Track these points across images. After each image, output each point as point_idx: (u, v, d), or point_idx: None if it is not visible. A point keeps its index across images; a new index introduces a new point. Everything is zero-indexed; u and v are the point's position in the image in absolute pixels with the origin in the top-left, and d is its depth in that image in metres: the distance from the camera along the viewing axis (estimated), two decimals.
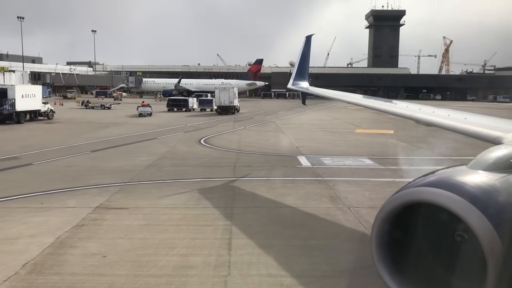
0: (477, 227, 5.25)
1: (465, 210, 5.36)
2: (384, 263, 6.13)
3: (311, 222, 14.30)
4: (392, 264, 6.14)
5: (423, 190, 5.87)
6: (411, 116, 13.96)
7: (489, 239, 5.21)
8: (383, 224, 6.07)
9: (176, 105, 75.97)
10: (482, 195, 5.65)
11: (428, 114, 13.60)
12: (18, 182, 19.73)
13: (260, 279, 9.95)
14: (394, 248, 6.20)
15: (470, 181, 5.91)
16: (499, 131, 9.50)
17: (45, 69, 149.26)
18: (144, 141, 34.33)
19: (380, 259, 6.13)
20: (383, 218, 6.08)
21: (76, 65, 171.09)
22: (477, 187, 5.78)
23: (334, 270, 10.46)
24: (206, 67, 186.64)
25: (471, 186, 5.78)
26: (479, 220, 5.29)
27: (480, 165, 6.44)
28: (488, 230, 5.24)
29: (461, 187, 5.73)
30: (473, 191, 5.66)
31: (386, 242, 6.12)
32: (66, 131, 42.42)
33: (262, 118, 62.62)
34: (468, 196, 5.51)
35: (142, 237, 12.64)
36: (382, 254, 6.13)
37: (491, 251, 5.20)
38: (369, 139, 38.17)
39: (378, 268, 6.10)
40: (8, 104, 47.56)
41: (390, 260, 6.13)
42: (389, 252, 6.16)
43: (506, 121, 11.05)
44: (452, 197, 5.51)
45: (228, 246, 11.94)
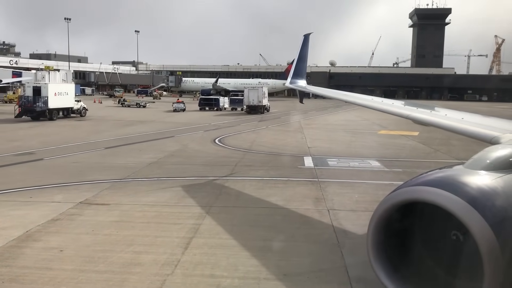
0: (473, 226, 5.22)
1: (462, 209, 5.33)
2: (380, 262, 6.09)
3: (283, 223, 14.06)
4: (389, 263, 6.11)
5: (418, 189, 5.85)
6: (409, 116, 13.69)
7: (486, 238, 5.17)
8: (379, 223, 6.05)
9: (208, 104, 76.68)
10: (479, 195, 5.60)
11: (425, 114, 13.45)
12: (19, 176, 20.51)
13: (200, 279, 9.88)
14: (390, 247, 6.17)
15: (467, 181, 5.87)
16: (496, 131, 9.43)
17: (89, 68, 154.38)
18: (160, 139, 34.87)
19: (376, 258, 6.10)
20: (379, 217, 6.06)
21: (120, 64, 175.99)
22: (474, 186, 5.73)
23: (279, 273, 10.23)
24: (245, 67, 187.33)
25: (467, 185, 5.74)
26: (476, 219, 5.25)
27: (477, 164, 6.43)
28: (485, 230, 5.19)
29: (457, 186, 5.69)
30: (469, 191, 5.62)
31: (382, 241, 6.09)
32: (92, 128, 43.70)
33: (290, 118, 62.29)
34: (465, 195, 5.48)
35: (107, 233, 12.83)
36: (378, 253, 6.10)
37: (487, 250, 5.15)
38: (389, 140, 37.21)
39: (374, 267, 6.08)
40: (41, 102, 49.50)
41: (386, 259, 6.10)
42: (385, 251, 6.13)
43: (503, 121, 10.98)
44: (448, 196, 5.48)
45: (186, 245, 11.92)
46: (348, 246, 12.03)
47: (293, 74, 21.13)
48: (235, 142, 33.50)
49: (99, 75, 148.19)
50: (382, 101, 19.45)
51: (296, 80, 21.20)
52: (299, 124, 51.46)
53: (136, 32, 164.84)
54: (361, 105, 18.59)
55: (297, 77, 21.25)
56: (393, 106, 16.76)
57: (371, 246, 6.12)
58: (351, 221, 14.38)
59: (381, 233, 6.07)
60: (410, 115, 14.14)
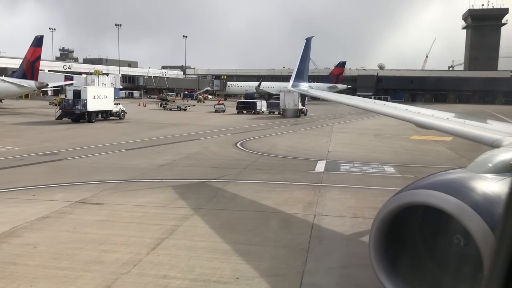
0: (474, 229, 5.26)
1: (463, 213, 5.37)
2: (381, 265, 6.14)
3: (262, 227, 13.96)
4: (390, 266, 6.16)
5: (420, 192, 5.89)
6: (410, 119, 13.57)
7: (486, 241, 5.15)
8: (380, 226, 6.12)
9: (245, 108, 77.18)
10: (481, 198, 5.63)
11: (427, 117, 13.31)
12: (33, 175, 21.50)
13: (151, 279, 9.99)
14: (392, 250, 6.23)
15: (468, 184, 5.91)
16: (498, 134, 9.35)
17: (139, 72, 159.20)
18: (185, 141, 35.49)
19: (377, 261, 6.15)
20: (381, 220, 6.12)
21: (169, 69, 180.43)
22: (475, 189, 5.76)
23: (232, 276, 10.20)
24: (291, 71, 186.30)
25: (469, 188, 5.78)
26: (477, 222, 5.28)
27: (479, 168, 6.43)
28: (485, 233, 5.19)
29: (458, 189, 5.73)
30: (471, 194, 5.66)
31: (384, 244, 6.16)
32: (125, 130, 45.04)
33: (324, 122, 61.58)
34: (466, 198, 5.51)
35: (86, 231, 13.22)
36: (379, 256, 6.16)
37: (488, 254, 5.09)
38: (417, 146, 36.03)
39: (375, 269, 6.13)
40: (81, 105, 51.56)
41: (387, 262, 6.16)
42: (386, 254, 6.19)
43: (505, 124, 10.95)
44: (449, 199, 5.51)
45: (156, 245, 12.09)
46: (316, 252, 11.80)
47: (295, 77, 21.00)
48: (255, 145, 33.56)
49: (148, 79, 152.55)
50: (384, 104, 19.29)
51: (298, 83, 21.08)
52: (331, 128, 50.81)
53: (184, 37, 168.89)
54: (363, 108, 18.37)
55: (299, 80, 21.12)
56: (396, 109, 16.64)
57: (373, 249, 6.17)
58: (333, 227, 14.10)
59: (382, 236, 6.12)
60: (412, 118, 14.00)
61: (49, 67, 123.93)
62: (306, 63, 21.48)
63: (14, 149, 30.10)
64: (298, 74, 21.16)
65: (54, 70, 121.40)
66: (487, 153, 7.18)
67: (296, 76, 21.16)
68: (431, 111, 14.62)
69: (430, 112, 14.30)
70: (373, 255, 6.18)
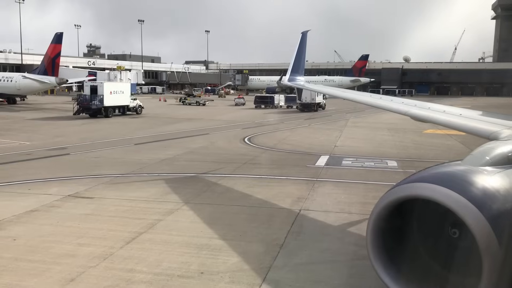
0: (471, 222, 5.31)
1: (460, 205, 5.41)
2: (379, 258, 6.20)
3: (243, 222, 13.88)
4: (387, 259, 6.20)
5: (416, 185, 5.94)
6: (407, 112, 13.54)
7: (484, 234, 5.23)
8: (377, 219, 6.18)
9: (263, 102, 77.05)
10: (477, 190, 5.66)
11: (424, 110, 13.23)
12: (35, 169, 21.96)
13: (116, 273, 10.06)
14: (389, 243, 6.26)
15: (465, 176, 5.94)
16: (495, 127, 9.39)
17: (162, 68, 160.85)
18: (194, 136, 35.65)
19: (375, 254, 6.21)
20: (378, 213, 6.17)
21: (192, 64, 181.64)
22: (471, 182, 5.79)
23: (197, 270, 10.18)
24: (314, 64, 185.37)
25: (465, 181, 5.81)
26: (474, 215, 5.32)
27: (476, 160, 6.46)
28: (483, 225, 5.26)
29: (455, 182, 5.76)
30: (467, 186, 5.69)
31: (381, 237, 6.20)
32: (139, 125, 45.52)
33: (341, 116, 60.89)
34: (463, 191, 5.56)
35: (69, 225, 13.42)
36: (376, 249, 6.21)
37: (486, 246, 5.21)
38: (428, 140, 35.28)
39: (372, 262, 6.19)
40: (97, 100, 52.38)
41: (385, 254, 6.21)
42: (384, 247, 6.23)
43: (502, 116, 10.83)
44: (445, 192, 5.56)
45: (131, 239, 12.18)
46: (290, 248, 11.68)
47: (291, 72, 20.79)
48: (263, 140, 33.46)
49: (170, 75, 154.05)
50: (380, 97, 19.11)
51: (295, 78, 20.87)
52: (345, 123, 50.23)
53: (207, 32, 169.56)
54: (360, 102, 18.23)
55: (296, 75, 20.91)
56: (392, 102, 16.63)
57: (370, 241, 6.21)
58: (315, 222, 13.94)
59: (380, 229, 6.16)
60: (409, 111, 13.98)
61: (74, 63, 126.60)
62: (302, 57, 21.26)
63: (25, 143, 30.85)
64: (295, 68, 20.96)
65: (79, 66, 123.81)
66: (484, 145, 7.20)
67: (292, 70, 20.98)
68: (428, 104, 14.40)
69: (427, 105, 14.16)
70: (370, 247, 6.21)
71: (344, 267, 10.53)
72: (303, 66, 21.56)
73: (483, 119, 11.01)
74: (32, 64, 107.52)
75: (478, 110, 13.66)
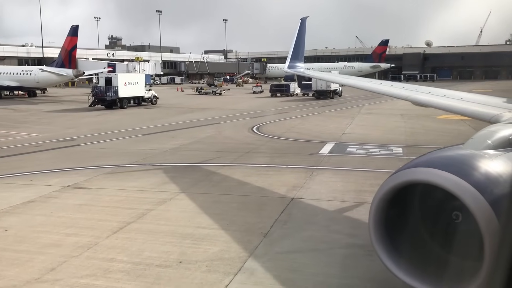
0: (473, 205, 5.34)
1: (461, 189, 5.44)
2: (381, 242, 6.28)
3: (233, 211, 13.84)
4: (389, 243, 6.27)
5: (418, 170, 5.98)
6: (408, 97, 13.49)
7: (485, 217, 5.25)
8: (380, 204, 6.26)
9: (279, 91, 76.66)
10: (478, 174, 5.70)
11: (424, 95, 13.18)
12: (41, 161, 22.36)
13: (97, 262, 10.17)
14: (391, 228, 6.33)
15: (466, 160, 5.98)
16: (496, 110, 9.37)
17: (180, 58, 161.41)
18: (203, 126, 35.76)
19: (377, 239, 6.29)
20: (380, 198, 6.25)
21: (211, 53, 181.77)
22: (473, 166, 5.81)
23: (176, 260, 10.21)
24: (333, 50, 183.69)
25: (466, 165, 5.84)
26: (475, 198, 5.36)
27: (477, 144, 6.45)
28: (484, 208, 5.28)
29: (456, 166, 5.79)
30: (469, 170, 5.72)
31: (383, 222, 6.28)
32: (151, 115, 45.88)
33: (357, 102, 60.16)
34: (464, 175, 5.60)
35: (61, 215, 13.63)
36: (379, 234, 6.29)
37: (488, 230, 5.23)
38: (441, 126, 34.59)
39: (375, 247, 6.28)
40: (112, 91, 52.92)
41: (387, 239, 6.28)
42: (386, 232, 6.30)
43: (503, 100, 10.88)
44: (447, 176, 5.59)
45: (119, 229, 12.30)
46: (274, 236, 11.63)
47: (291, 59, 20.58)
48: (271, 129, 33.34)
49: (189, 65, 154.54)
50: (381, 83, 19.08)
51: (295, 65, 20.68)
52: (359, 109, 49.63)
53: (224, 21, 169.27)
54: (360, 87, 18.16)
55: (295, 62, 20.71)
56: (392, 87, 16.76)
57: (373, 227, 6.26)
58: (305, 210, 13.85)
59: (382, 214, 6.22)
60: (409, 96, 13.62)
61: (94, 55, 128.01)
62: (302, 43, 21.02)
63: (37, 135, 31.42)
64: (294, 55, 20.76)
65: (98, 58, 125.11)
66: (485, 129, 7.12)
67: (292, 57, 20.78)
68: (429, 88, 14.25)
69: (428, 90, 14.11)
70: (373, 232, 6.24)
71: (323, 255, 10.43)
72: (303, 52, 21.37)
73: (484, 102, 10.91)
74: (53, 57, 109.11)
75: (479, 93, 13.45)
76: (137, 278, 9.40)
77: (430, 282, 5.95)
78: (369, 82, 20.43)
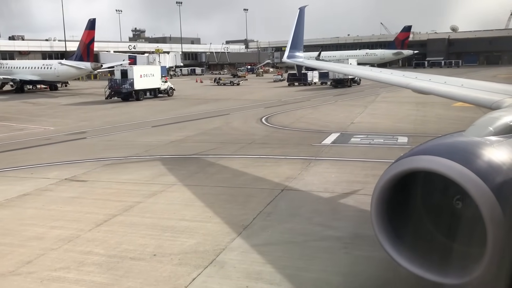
0: (475, 192, 5.33)
1: (463, 176, 5.44)
2: (383, 230, 6.28)
3: (220, 203, 13.84)
4: (392, 233, 6.29)
5: (419, 158, 5.97)
6: (408, 85, 13.44)
7: (488, 204, 5.25)
8: (382, 193, 6.25)
9: (297, 80, 76.00)
10: (480, 161, 5.68)
11: (424, 82, 13.03)
12: (47, 154, 22.77)
13: (73, 255, 10.30)
14: (394, 217, 6.35)
15: (467, 147, 5.97)
16: (497, 96, 9.29)
17: (201, 49, 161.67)
18: (212, 117, 35.74)
19: (380, 228, 6.30)
20: (382, 187, 6.24)
21: (232, 43, 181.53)
22: (475, 153, 5.79)
23: (151, 252, 10.27)
24: (356, 38, 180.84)
25: (468, 151, 5.83)
26: (477, 185, 5.34)
27: (478, 130, 6.41)
28: (486, 195, 5.27)
29: (458, 153, 5.78)
30: (470, 157, 5.70)
31: (384, 210, 6.30)
32: (165, 107, 46.13)
33: (373, 91, 59.09)
34: (465, 161, 5.59)
35: (51, 208, 13.86)
36: (382, 223, 6.29)
37: (490, 215, 5.23)
38: (454, 113, 33.78)
39: (378, 237, 6.29)
40: (128, 84, 53.38)
41: (389, 227, 6.30)
42: (387, 219, 6.31)
43: (504, 85, 10.74)
44: (449, 163, 5.60)
45: (103, 222, 12.43)
46: (254, 229, 11.57)
47: (290, 48, 20.35)
48: (280, 119, 33.14)
49: (210, 55, 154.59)
50: (380, 71, 18.81)
51: (294, 54, 20.43)
52: (374, 98, 48.85)
53: (245, 11, 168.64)
54: (360, 76, 18.01)
55: (295, 51, 20.46)
56: (392, 75, 16.60)
57: (375, 216, 6.27)
58: (292, 202, 13.75)
59: (384, 203, 6.22)
60: (410, 84, 13.45)
61: (115, 48, 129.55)
62: (300, 33, 20.74)
63: (49, 129, 32.01)
64: (293, 45, 20.53)
65: (120, 50, 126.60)
66: (486, 115, 7.03)
67: (291, 47, 20.57)
68: (429, 75, 13.97)
69: (428, 77, 13.87)
70: (375, 222, 6.22)
71: (298, 248, 10.31)
72: (302, 42, 21.08)
73: (485, 88, 10.76)
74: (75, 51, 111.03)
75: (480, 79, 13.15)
76: (108, 271, 9.48)
77: (433, 270, 5.92)
78: (369, 70, 20.20)
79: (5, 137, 28.50)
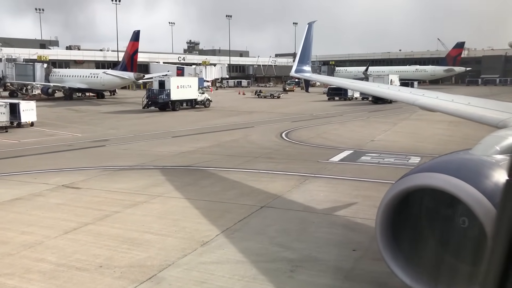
0: (481, 212, 5.38)
1: (468, 194, 5.49)
2: (387, 247, 6.36)
3: (194, 217, 13.71)
4: (396, 248, 6.36)
5: (424, 175, 6.04)
6: (415, 102, 13.40)
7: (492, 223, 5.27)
8: (386, 209, 6.38)
9: (337, 94, 74.91)
10: (486, 180, 5.70)
11: (432, 99, 13.12)
12: (61, 160, 23.54)
13: (24, 261, 10.49)
14: (397, 232, 6.43)
15: (473, 166, 6.06)
16: (504, 115, 9.30)
17: (249, 62, 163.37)
18: (234, 129, 35.80)
19: (383, 243, 6.39)
20: (387, 204, 6.36)
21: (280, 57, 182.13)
22: (481, 171, 5.85)
23: (98, 264, 10.28)
24: (407, 53, 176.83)
25: (474, 170, 5.92)
26: (482, 204, 5.38)
27: (485, 149, 6.48)
28: (492, 215, 5.24)
29: (463, 171, 5.86)
30: (476, 176, 5.76)
31: (389, 226, 6.40)
32: (196, 118, 46.69)
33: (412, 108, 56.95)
34: (472, 180, 5.65)
35: (33, 213, 14.24)
36: (385, 238, 6.39)
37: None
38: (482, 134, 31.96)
39: (381, 251, 6.37)
40: (164, 94, 54.60)
41: (393, 244, 6.38)
42: (392, 236, 6.40)
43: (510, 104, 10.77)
44: (454, 181, 5.65)
45: (72, 230, 12.62)
46: (211, 245, 11.36)
47: (298, 63, 20.20)
48: (301, 134, 32.71)
49: (257, 68, 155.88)
50: (388, 87, 18.58)
51: (302, 68, 20.27)
52: (409, 115, 47.23)
53: (294, 24, 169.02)
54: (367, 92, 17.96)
55: (302, 66, 20.28)
56: (400, 92, 16.56)
57: (379, 232, 6.31)
58: (265, 220, 13.40)
59: (388, 218, 6.27)
60: (417, 101, 13.35)
61: (165, 59, 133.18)
62: (308, 47, 20.56)
63: (77, 135, 33.16)
64: (301, 59, 20.40)
65: (170, 62, 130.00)
66: (492, 134, 7.13)
67: (299, 61, 20.43)
68: (436, 93, 13.74)
69: (435, 94, 13.65)
70: (379, 237, 6.23)
71: (243, 269, 9.99)
72: (309, 56, 20.97)
73: (491, 107, 10.79)
74: None
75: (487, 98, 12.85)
76: (49, 279, 9.57)
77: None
78: (376, 87, 19.73)
79: (33, 142, 29.81)
